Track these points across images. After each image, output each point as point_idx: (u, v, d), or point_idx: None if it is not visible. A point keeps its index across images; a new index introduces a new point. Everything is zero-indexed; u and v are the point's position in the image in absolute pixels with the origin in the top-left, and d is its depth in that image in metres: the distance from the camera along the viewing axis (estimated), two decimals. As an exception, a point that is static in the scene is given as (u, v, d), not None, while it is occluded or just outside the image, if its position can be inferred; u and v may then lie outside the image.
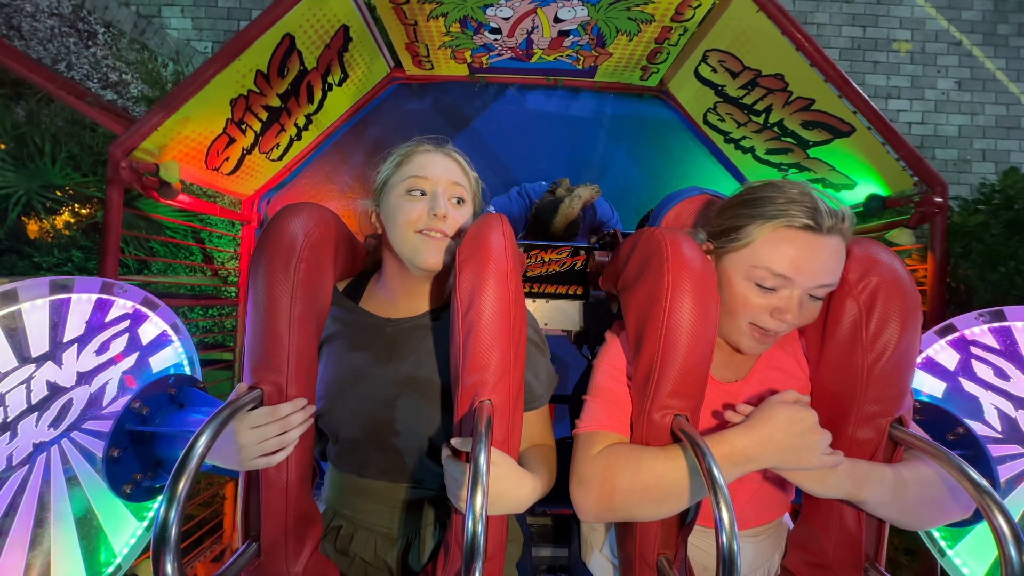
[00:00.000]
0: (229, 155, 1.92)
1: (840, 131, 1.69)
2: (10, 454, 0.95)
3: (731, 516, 0.55)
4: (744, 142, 2.20)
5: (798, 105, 1.76)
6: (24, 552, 0.93)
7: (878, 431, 0.72)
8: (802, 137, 1.88)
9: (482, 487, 0.54)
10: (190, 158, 1.71)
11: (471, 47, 2.23)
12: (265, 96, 1.81)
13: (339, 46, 2.00)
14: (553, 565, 1.15)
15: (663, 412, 0.70)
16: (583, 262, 1.36)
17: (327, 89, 2.17)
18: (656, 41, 2.05)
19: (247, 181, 2.21)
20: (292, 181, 2.44)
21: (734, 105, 2.08)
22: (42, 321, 1.00)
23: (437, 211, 0.79)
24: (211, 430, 0.61)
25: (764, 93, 1.86)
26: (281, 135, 2.15)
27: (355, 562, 0.84)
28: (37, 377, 0.99)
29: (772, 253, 0.71)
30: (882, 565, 0.74)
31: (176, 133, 1.55)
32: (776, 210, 0.71)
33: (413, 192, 0.82)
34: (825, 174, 1.94)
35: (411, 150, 0.87)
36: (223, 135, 1.77)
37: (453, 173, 0.85)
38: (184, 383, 1.11)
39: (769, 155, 2.13)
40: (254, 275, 0.74)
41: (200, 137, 1.70)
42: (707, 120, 2.32)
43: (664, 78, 2.41)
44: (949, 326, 1.21)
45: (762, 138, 2.08)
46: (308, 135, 2.33)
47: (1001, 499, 0.57)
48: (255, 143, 2.01)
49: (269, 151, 2.16)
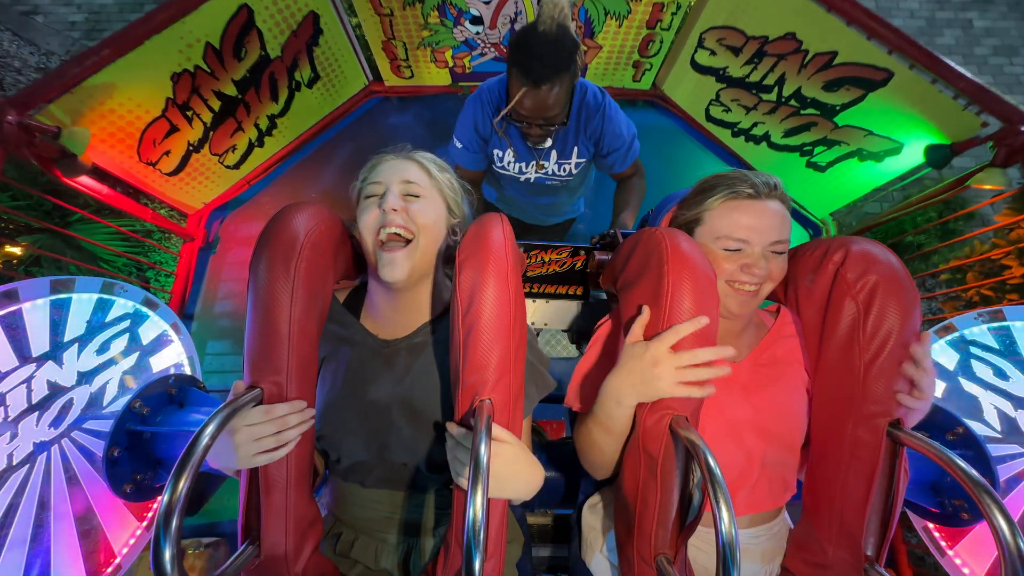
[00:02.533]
0: (171, 148, 1.57)
1: (873, 82, 1.43)
2: (10, 453, 0.95)
3: (731, 516, 0.55)
4: (756, 130, 2.01)
5: (817, 64, 1.50)
6: (24, 552, 0.93)
7: (878, 431, 0.72)
8: (826, 103, 1.62)
9: (483, 485, 0.54)
10: (116, 141, 1.36)
11: (452, 44, 2.10)
12: (218, 79, 1.50)
13: (307, 37, 1.75)
14: (553, 565, 1.15)
15: (662, 413, 0.70)
16: (583, 262, 1.36)
17: (294, 88, 1.88)
18: (647, 25, 1.90)
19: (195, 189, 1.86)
20: (252, 198, 2.18)
21: (740, 88, 1.86)
22: (43, 321, 1.01)
23: (384, 206, 0.79)
24: (212, 429, 0.60)
25: (774, 62, 1.62)
26: (238, 136, 1.82)
27: (356, 567, 0.84)
28: (38, 377, 0.99)
29: (727, 222, 0.81)
30: (882, 565, 0.74)
31: (97, 101, 1.22)
32: (723, 188, 0.83)
33: (369, 198, 0.83)
34: (861, 143, 1.67)
35: (375, 160, 0.88)
36: (162, 119, 1.44)
37: (407, 172, 0.84)
38: (184, 383, 1.11)
39: (788, 137, 1.91)
40: (254, 273, 0.74)
41: (131, 116, 1.35)
42: (710, 115, 2.16)
43: (658, 79, 2.28)
44: (949, 326, 1.21)
45: (777, 118, 1.86)
46: (272, 143, 2.05)
47: (1001, 499, 0.57)
48: (204, 139, 1.67)
49: (223, 154, 1.83)
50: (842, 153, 1.81)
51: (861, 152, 1.72)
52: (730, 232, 0.80)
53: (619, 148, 1.43)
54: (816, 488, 0.81)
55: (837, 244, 0.79)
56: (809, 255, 0.83)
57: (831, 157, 1.89)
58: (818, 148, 1.86)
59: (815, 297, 0.80)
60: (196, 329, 2.08)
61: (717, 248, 0.82)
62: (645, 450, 0.71)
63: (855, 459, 0.74)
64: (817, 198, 2.19)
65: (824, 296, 0.78)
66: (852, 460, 0.74)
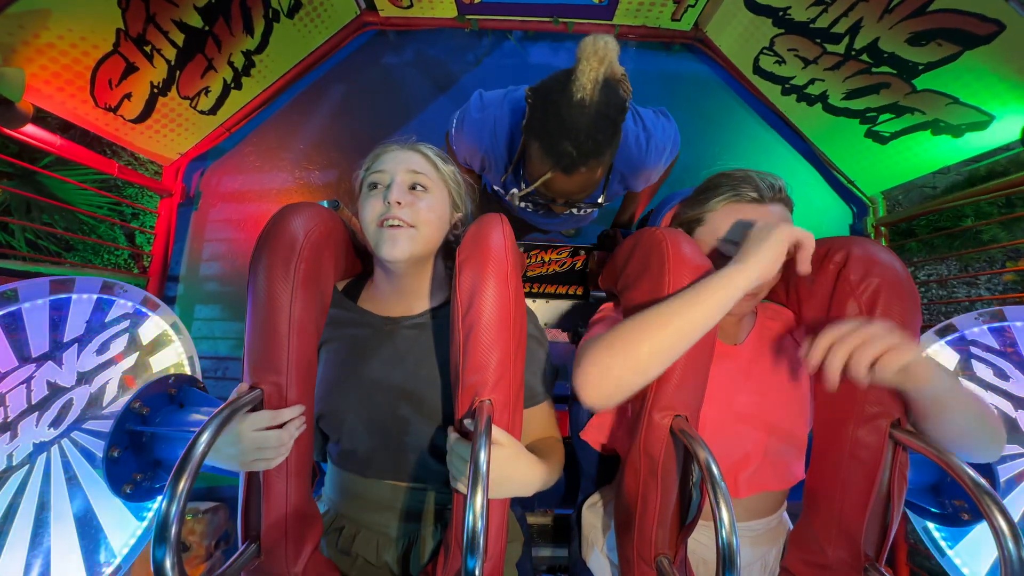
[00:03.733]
0: (132, 90, 1.35)
1: (975, 37, 1.14)
2: (10, 454, 0.95)
3: (731, 516, 0.55)
4: (812, 88, 1.69)
5: (907, 9, 1.20)
6: (24, 552, 0.93)
7: (879, 432, 0.72)
8: (907, 61, 1.31)
9: (482, 485, 0.54)
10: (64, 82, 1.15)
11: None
12: (177, 6, 1.27)
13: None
14: (553, 565, 1.15)
15: (663, 413, 0.70)
16: (583, 262, 1.36)
17: (271, 18, 1.60)
18: None
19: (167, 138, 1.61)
20: (234, 148, 1.95)
21: (801, 35, 1.52)
22: (43, 321, 1.01)
23: (389, 198, 0.78)
24: (211, 430, 0.61)
25: (851, 3, 1.32)
26: (210, 76, 1.56)
27: (357, 563, 0.84)
28: (38, 377, 0.99)
29: (728, 224, 0.81)
30: (882, 565, 0.74)
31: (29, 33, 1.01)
32: (727, 189, 0.81)
33: (373, 188, 0.82)
34: (940, 113, 1.39)
35: (378, 152, 0.87)
36: (115, 55, 1.22)
37: (412, 163, 0.84)
38: (184, 383, 1.11)
39: (850, 100, 1.60)
40: (254, 274, 0.74)
41: (75, 51, 1.13)
42: (758, 67, 1.81)
43: (701, 19, 1.89)
44: (949, 326, 1.21)
45: (840, 76, 1.54)
46: (252, 85, 1.78)
47: (1001, 499, 0.57)
48: (171, 80, 1.44)
49: (194, 97, 1.58)
50: (914, 123, 1.49)
51: (937, 124, 1.41)
52: (730, 235, 0.81)
53: (654, 180, 1.17)
54: (816, 488, 0.81)
55: (838, 245, 0.79)
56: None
57: (898, 127, 1.55)
58: (884, 115, 1.55)
59: (816, 297, 0.81)
60: (183, 292, 1.97)
61: (714, 252, 0.82)
62: (646, 451, 0.72)
63: (855, 459, 0.74)
64: (870, 173, 1.86)
65: (826, 297, 0.78)
66: (852, 460, 0.74)
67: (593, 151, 0.84)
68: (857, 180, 1.98)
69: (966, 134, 1.38)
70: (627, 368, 0.67)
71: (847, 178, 2.00)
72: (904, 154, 1.68)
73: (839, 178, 2.05)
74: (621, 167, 1.08)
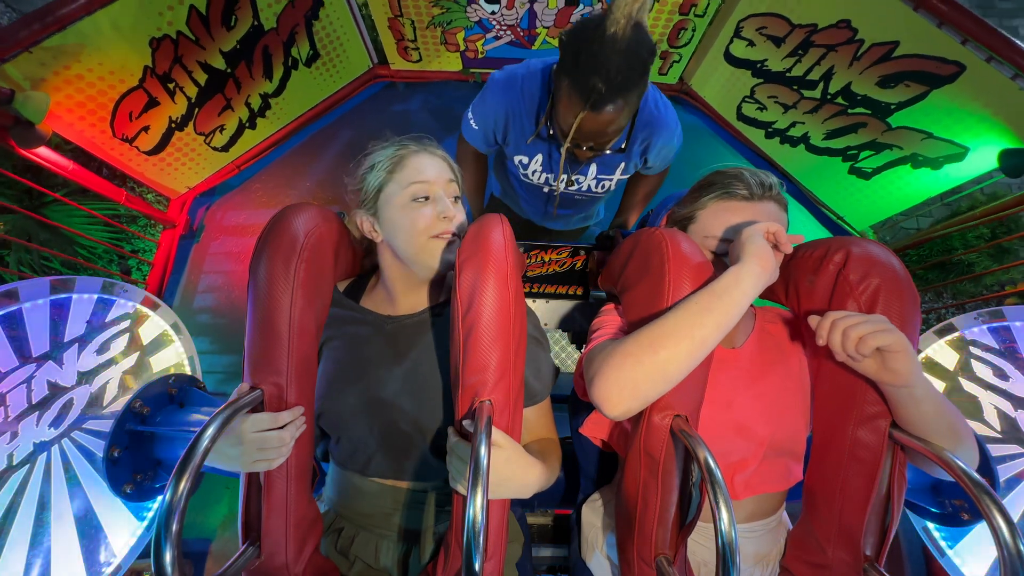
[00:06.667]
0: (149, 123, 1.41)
1: (939, 77, 1.25)
2: (10, 453, 0.95)
3: (731, 516, 0.55)
4: (794, 130, 1.80)
5: (873, 56, 1.32)
6: (24, 552, 0.94)
7: (878, 432, 0.72)
8: (879, 102, 1.43)
9: (483, 486, 0.54)
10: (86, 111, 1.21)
11: (464, 25, 1.90)
12: (204, 49, 1.35)
13: (306, 8, 1.58)
14: (553, 565, 1.15)
15: (663, 413, 0.70)
16: (583, 262, 1.36)
17: (290, 65, 1.71)
18: (680, 10, 1.67)
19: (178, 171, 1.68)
20: (242, 185, 2.01)
21: (779, 83, 1.65)
22: (43, 321, 1.01)
23: (447, 214, 0.81)
24: (212, 430, 0.61)
25: (822, 54, 1.43)
26: (227, 115, 1.65)
27: (355, 564, 0.84)
28: (38, 377, 0.99)
29: (717, 222, 0.82)
30: (882, 565, 0.74)
31: (62, 65, 1.08)
32: (718, 187, 0.82)
33: (418, 199, 0.81)
34: (917, 147, 1.48)
35: (400, 154, 0.84)
36: (139, 90, 1.29)
37: (446, 171, 0.86)
38: (184, 383, 1.11)
39: (831, 139, 1.70)
40: (254, 275, 0.74)
41: (103, 84, 1.20)
42: (742, 114, 1.95)
43: (686, 73, 2.06)
44: (949, 326, 1.21)
45: (819, 118, 1.65)
46: (265, 125, 1.87)
47: (1001, 499, 0.57)
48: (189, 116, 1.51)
49: (209, 134, 1.66)
50: (893, 158, 1.61)
51: (916, 158, 1.52)
52: (719, 232, 0.81)
53: (667, 157, 1.24)
54: (816, 488, 0.81)
55: (837, 245, 0.79)
56: (809, 255, 0.83)
57: (879, 163, 1.66)
58: (865, 152, 1.66)
59: (816, 298, 0.80)
60: (174, 324, 2.00)
61: (706, 247, 0.83)
62: (646, 451, 0.72)
63: (855, 460, 0.74)
64: (858, 208, 1.95)
65: (825, 297, 0.78)
66: (852, 461, 0.74)
67: (622, 87, 0.85)
68: (846, 215, 2.05)
69: (945, 166, 1.47)
70: (652, 380, 0.68)
71: (836, 214, 2.07)
72: (888, 188, 1.76)
73: (828, 214, 2.11)
74: (642, 127, 1.12)
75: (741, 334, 0.89)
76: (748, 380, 0.84)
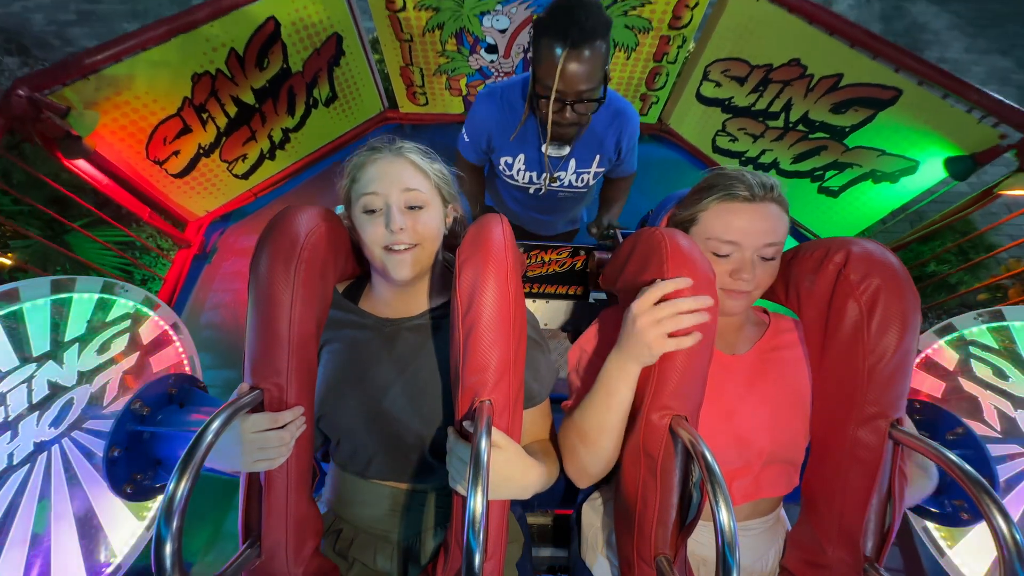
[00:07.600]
0: (180, 148, 1.57)
1: (882, 101, 1.44)
2: (10, 453, 0.95)
3: (731, 516, 0.55)
4: (764, 157, 2.01)
5: (823, 87, 1.52)
6: (24, 552, 0.94)
7: (878, 432, 0.72)
8: (835, 126, 1.62)
9: (482, 486, 0.54)
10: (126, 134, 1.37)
11: (467, 72, 2.17)
12: (238, 85, 1.54)
13: (330, 56, 1.80)
14: (553, 565, 1.15)
15: (662, 413, 0.70)
16: (583, 262, 1.36)
17: (311, 104, 1.93)
18: (654, 58, 1.96)
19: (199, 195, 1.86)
20: (256, 211, 2.18)
21: (746, 116, 1.89)
22: (43, 320, 1.01)
23: (392, 226, 0.78)
24: (213, 430, 0.61)
25: (780, 88, 1.65)
26: (250, 145, 1.84)
27: (354, 566, 0.84)
28: (38, 376, 0.99)
29: (719, 223, 0.82)
30: (882, 565, 0.74)
31: (113, 91, 1.24)
32: (719, 189, 0.83)
33: (368, 211, 0.81)
34: (874, 164, 1.66)
35: (362, 161, 0.84)
36: (176, 118, 1.46)
37: (404, 178, 0.81)
38: (184, 383, 1.11)
39: (798, 163, 1.90)
40: (254, 274, 0.74)
41: (145, 110, 1.37)
42: (716, 146, 2.16)
43: (663, 114, 2.31)
44: (948, 326, 1.21)
45: (785, 144, 1.86)
46: (283, 157, 2.07)
47: (1001, 499, 0.57)
48: (216, 144, 1.68)
49: (232, 162, 1.84)
50: (855, 176, 1.77)
51: (875, 173, 1.69)
52: (720, 234, 0.81)
53: (633, 149, 1.39)
54: (816, 488, 0.81)
55: (837, 245, 0.79)
56: (809, 256, 0.83)
57: (844, 181, 1.84)
58: (829, 172, 1.83)
59: (816, 298, 0.81)
60: (179, 338, 2.05)
61: (707, 251, 0.83)
62: (645, 451, 0.72)
63: (855, 460, 0.74)
64: (831, 224, 2.11)
65: (826, 297, 0.78)
66: (852, 461, 0.74)
67: (593, 31, 1.02)
68: (821, 233, 2.19)
69: (901, 179, 1.64)
70: (596, 463, 0.78)
71: (811, 232, 2.20)
72: (855, 203, 1.93)
73: (804, 233, 2.24)
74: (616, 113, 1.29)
75: (744, 341, 0.88)
76: (749, 388, 0.84)
